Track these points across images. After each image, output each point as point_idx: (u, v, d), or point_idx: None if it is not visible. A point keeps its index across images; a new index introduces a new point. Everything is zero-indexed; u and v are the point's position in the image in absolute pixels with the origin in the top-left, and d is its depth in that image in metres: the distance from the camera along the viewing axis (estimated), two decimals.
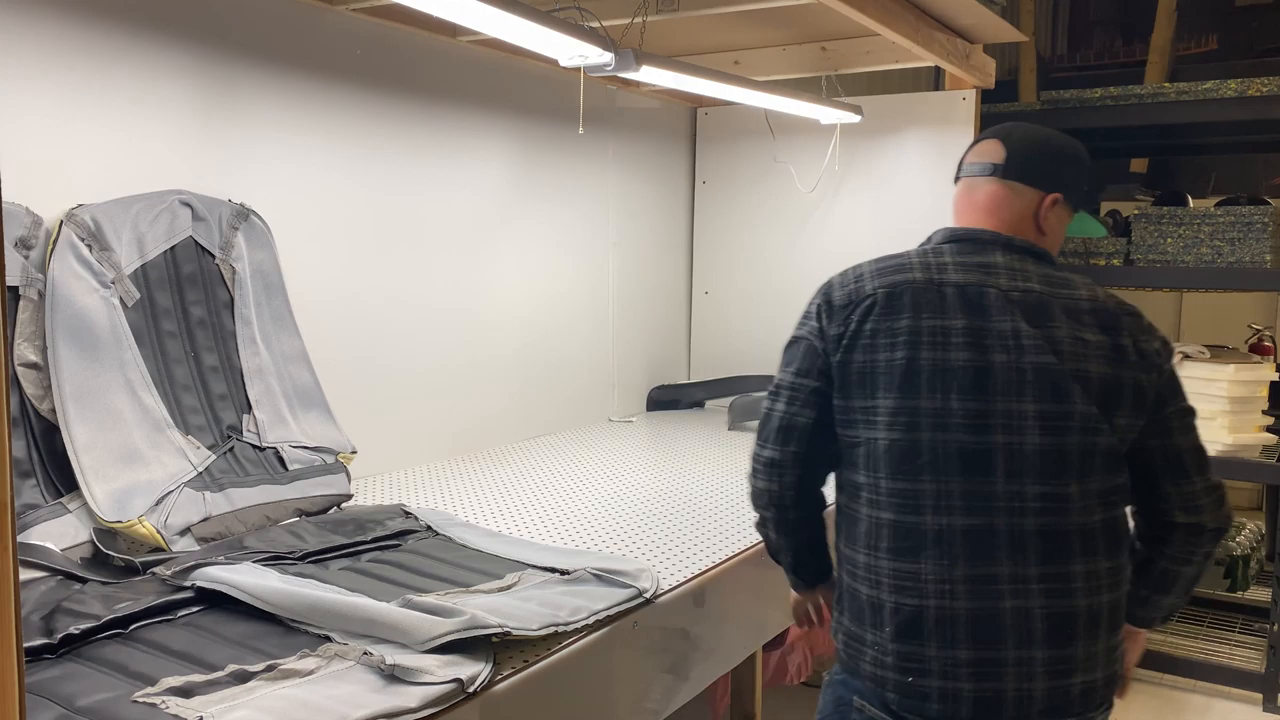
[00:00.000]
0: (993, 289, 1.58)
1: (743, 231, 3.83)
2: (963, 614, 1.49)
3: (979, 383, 1.51)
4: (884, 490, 1.53)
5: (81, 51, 1.92)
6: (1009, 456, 1.50)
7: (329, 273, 2.45)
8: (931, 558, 1.50)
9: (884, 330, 1.58)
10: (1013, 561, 1.49)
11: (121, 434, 1.82)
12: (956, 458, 1.50)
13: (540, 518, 2.21)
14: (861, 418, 1.56)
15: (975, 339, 1.53)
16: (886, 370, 1.55)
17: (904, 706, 1.52)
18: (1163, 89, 3.77)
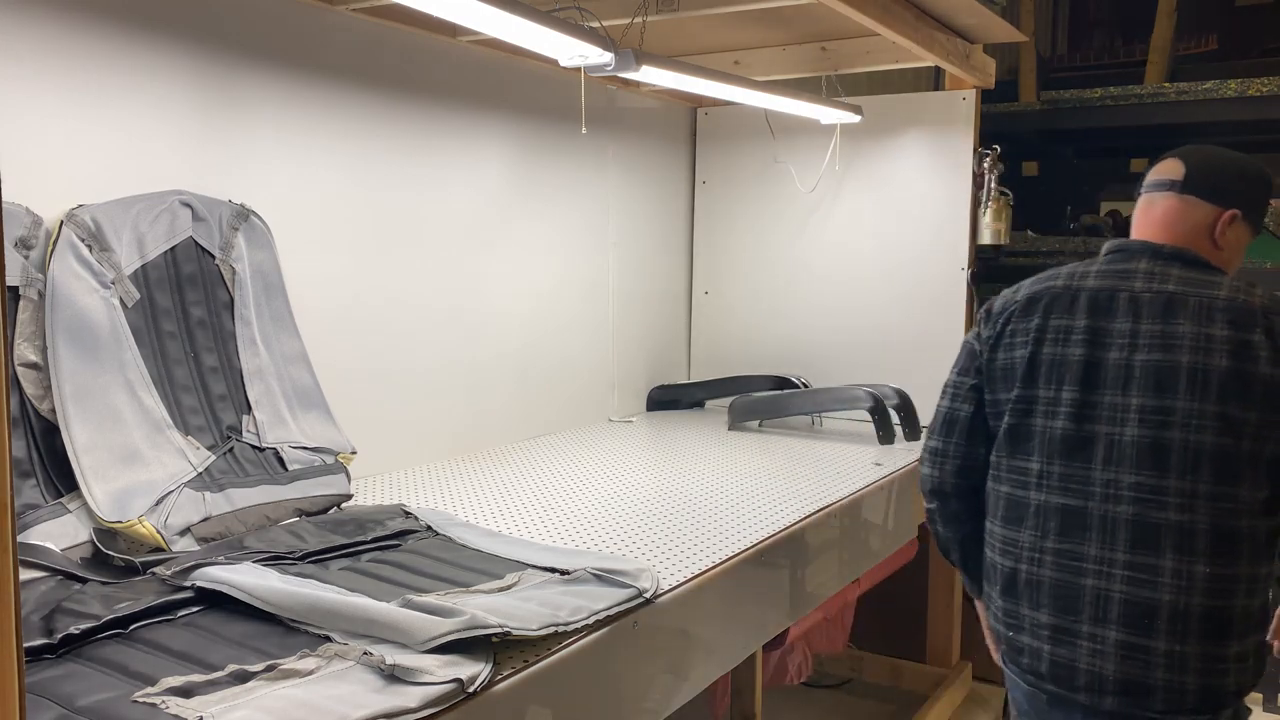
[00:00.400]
0: (1124, 292, 1.69)
1: (743, 231, 3.83)
2: (1047, 582, 1.67)
3: (1088, 376, 1.66)
4: (1004, 468, 1.76)
5: (81, 51, 1.92)
6: (1108, 445, 1.63)
7: (329, 273, 2.45)
8: (1029, 528, 1.70)
9: (1020, 330, 1.76)
10: (1100, 544, 1.62)
11: (121, 434, 1.82)
12: (1060, 442, 1.67)
13: (540, 518, 2.21)
14: (999, 410, 1.78)
15: (1093, 337, 1.67)
16: (1020, 365, 1.74)
17: (1009, 657, 1.77)
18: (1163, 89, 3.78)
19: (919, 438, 3.20)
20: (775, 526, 2.19)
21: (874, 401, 3.14)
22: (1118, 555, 1.60)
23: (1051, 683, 1.67)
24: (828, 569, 2.43)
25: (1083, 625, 1.62)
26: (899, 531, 2.82)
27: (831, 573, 2.46)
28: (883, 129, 3.50)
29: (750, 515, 2.27)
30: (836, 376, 3.57)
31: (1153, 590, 1.57)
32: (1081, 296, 1.71)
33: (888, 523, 2.73)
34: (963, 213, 3.38)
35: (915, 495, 2.90)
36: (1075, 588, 1.63)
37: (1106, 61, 6.16)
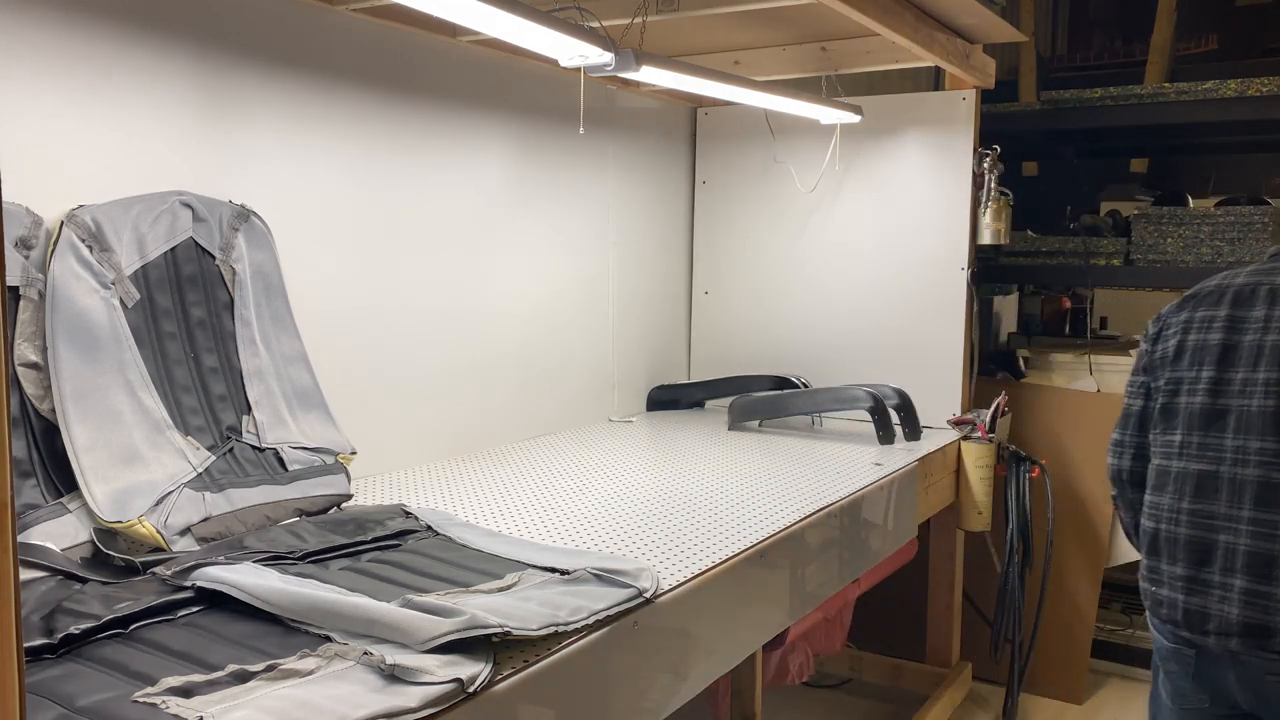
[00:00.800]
0: (1265, 285, 1.89)
1: (743, 231, 3.83)
2: (1182, 538, 1.89)
3: (1225, 357, 1.88)
4: (1157, 444, 1.98)
5: (81, 51, 1.92)
6: (1239, 416, 1.84)
7: (329, 273, 2.45)
8: (1170, 492, 1.92)
9: (1173, 324, 1.99)
10: (1229, 503, 1.83)
11: (121, 435, 1.82)
12: (1199, 415, 1.90)
13: (540, 518, 2.21)
14: (1156, 395, 2.00)
15: (1232, 324, 1.90)
16: (1170, 352, 1.98)
17: (1151, 610, 1.97)
18: (1163, 89, 3.77)
19: (919, 438, 3.20)
20: (775, 526, 2.19)
21: (874, 401, 3.15)
22: (1243, 512, 1.81)
23: (1185, 629, 1.88)
24: (828, 569, 2.43)
25: (1214, 575, 1.84)
26: (899, 531, 2.82)
27: (831, 573, 2.46)
28: (883, 129, 3.50)
29: (750, 515, 2.27)
30: (836, 376, 3.57)
31: (1272, 542, 1.77)
32: (1229, 292, 1.93)
33: (888, 523, 2.73)
34: (963, 213, 3.38)
35: (915, 495, 2.91)
36: (1208, 543, 1.85)
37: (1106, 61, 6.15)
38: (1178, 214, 3.71)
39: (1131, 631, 3.97)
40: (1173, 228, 3.68)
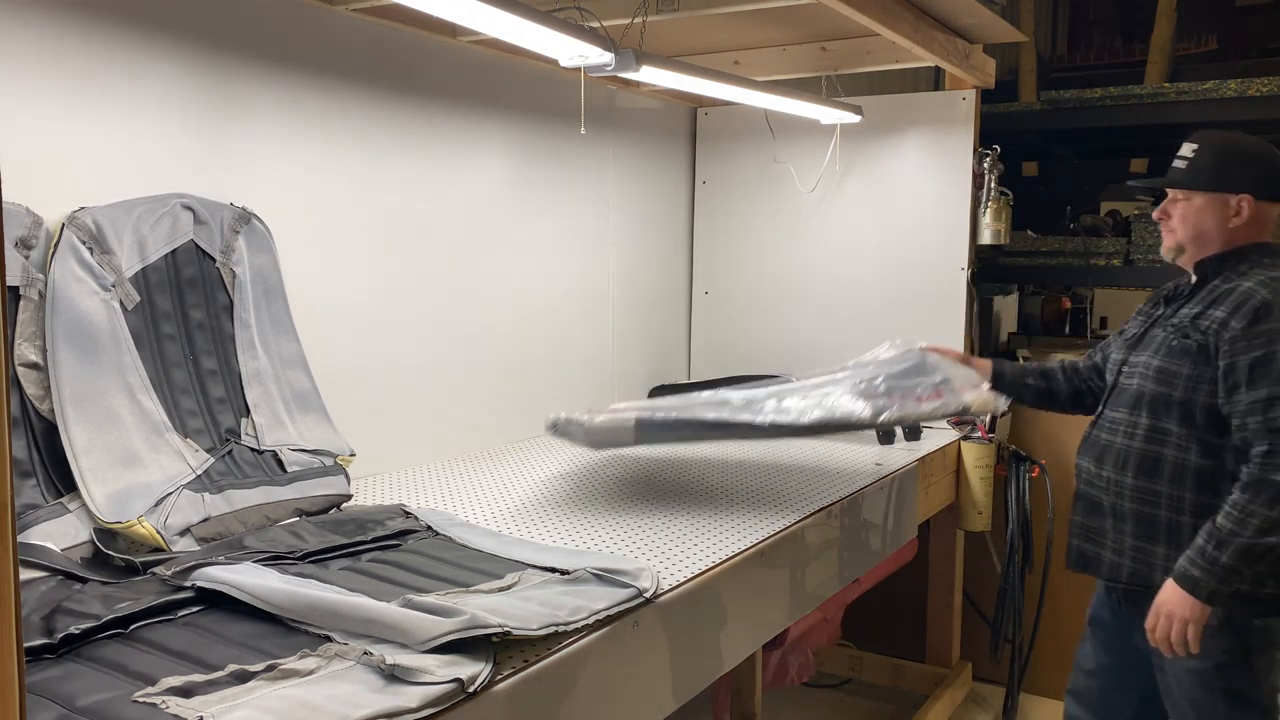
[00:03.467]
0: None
1: (743, 231, 3.83)
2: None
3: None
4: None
5: (82, 52, 1.92)
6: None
7: (329, 273, 2.45)
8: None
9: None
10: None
11: (120, 437, 1.82)
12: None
13: (540, 518, 2.21)
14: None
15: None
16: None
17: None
18: (1163, 89, 3.77)
19: (919, 438, 3.20)
20: (775, 526, 2.19)
21: None
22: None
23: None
24: (828, 569, 2.43)
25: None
26: (899, 531, 2.82)
27: (831, 573, 2.46)
28: (883, 129, 3.50)
29: (750, 515, 2.27)
30: None
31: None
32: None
33: (888, 523, 2.73)
34: (963, 213, 3.38)
35: (915, 495, 2.91)
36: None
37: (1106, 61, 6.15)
38: None
39: None
40: None
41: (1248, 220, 2.02)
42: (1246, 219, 2.01)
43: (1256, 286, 1.94)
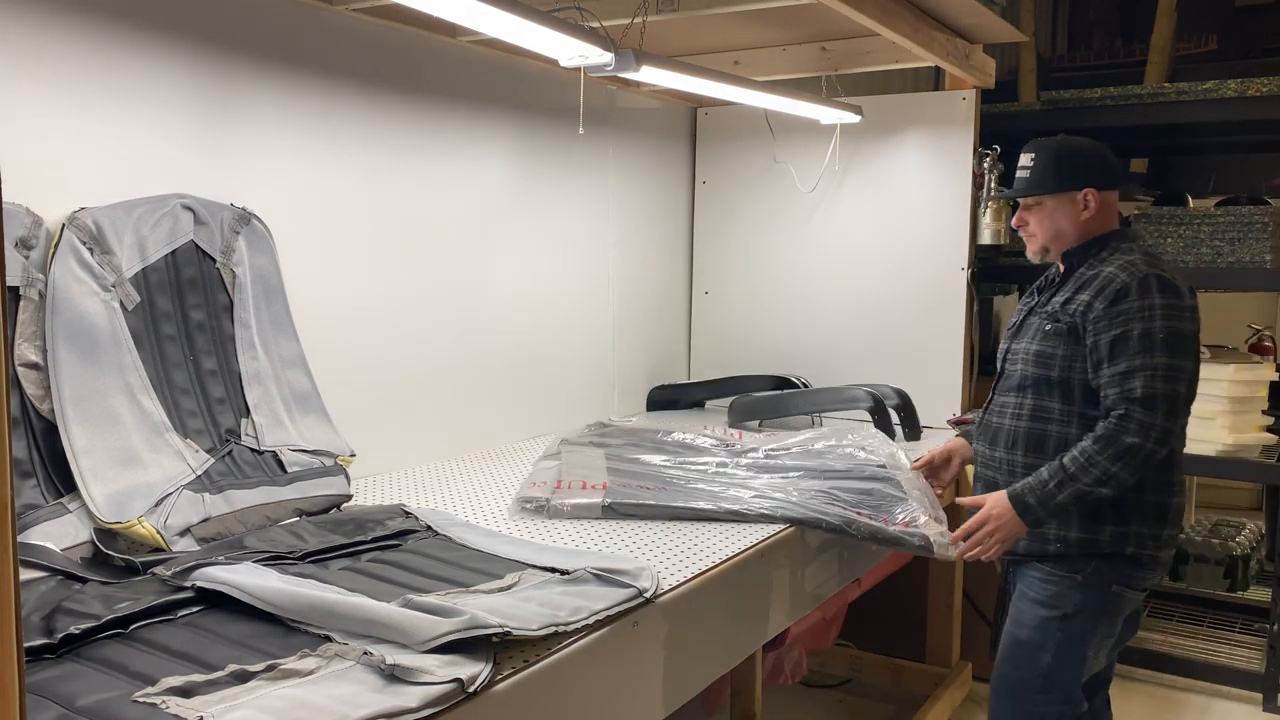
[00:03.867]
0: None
1: (743, 231, 3.83)
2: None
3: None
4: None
5: (82, 52, 1.92)
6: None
7: (329, 273, 2.45)
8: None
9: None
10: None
11: (120, 437, 1.82)
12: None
13: (540, 518, 2.21)
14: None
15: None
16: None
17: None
18: (1163, 89, 3.77)
19: (919, 438, 3.20)
20: (775, 527, 2.18)
21: (874, 401, 3.14)
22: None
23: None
24: (828, 569, 2.43)
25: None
26: None
27: (831, 573, 2.46)
28: (883, 129, 3.50)
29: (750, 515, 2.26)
30: (836, 376, 3.57)
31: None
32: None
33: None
34: (963, 213, 3.38)
35: None
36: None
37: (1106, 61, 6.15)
38: (1178, 214, 3.70)
39: None
40: (1173, 228, 3.68)
41: (1097, 210, 2.20)
42: (1095, 209, 2.20)
43: (1117, 271, 2.11)
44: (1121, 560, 2.14)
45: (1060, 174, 2.21)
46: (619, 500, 2.24)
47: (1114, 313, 2.07)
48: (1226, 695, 3.60)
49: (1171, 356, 2.02)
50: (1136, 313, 2.04)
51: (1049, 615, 2.18)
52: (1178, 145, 5.00)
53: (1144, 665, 3.76)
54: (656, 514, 2.22)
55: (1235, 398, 3.48)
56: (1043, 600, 2.20)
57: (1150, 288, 2.05)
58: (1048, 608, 2.18)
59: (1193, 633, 3.98)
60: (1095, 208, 2.19)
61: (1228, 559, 4.12)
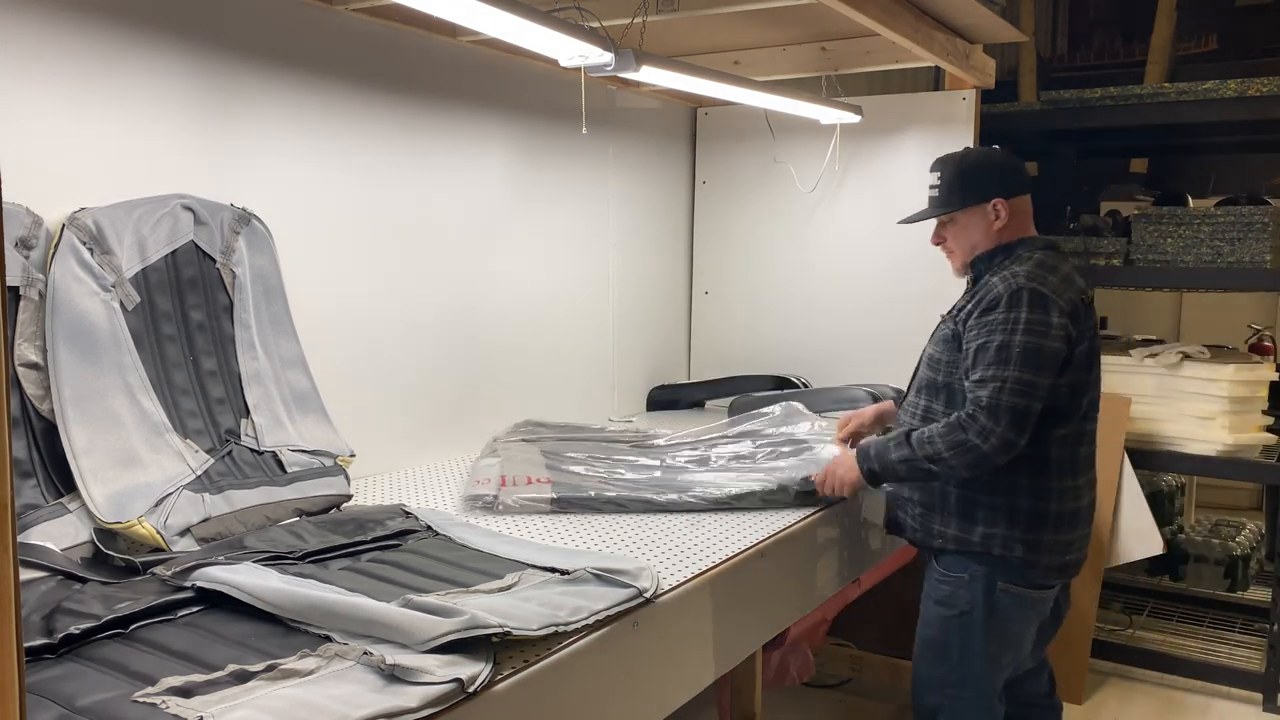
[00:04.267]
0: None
1: (743, 231, 3.83)
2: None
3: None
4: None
5: (82, 51, 1.92)
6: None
7: (329, 274, 2.45)
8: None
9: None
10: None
11: (120, 437, 1.82)
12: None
13: (540, 518, 2.21)
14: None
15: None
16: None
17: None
18: (1163, 89, 3.77)
19: None
20: (775, 526, 2.19)
21: (874, 401, 3.14)
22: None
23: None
24: (828, 569, 2.43)
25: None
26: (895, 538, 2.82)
27: (831, 573, 2.46)
28: (883, 129, 3.50)
29: (750, 515, 2.27)
30: (836, 376, 3.57)
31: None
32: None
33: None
34: None
35: None
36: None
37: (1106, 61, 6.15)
38: (1178, 214, 3.70)
39: (1131, 631, 3.97)
40: (1172, 228, 3.68)
41: (1009, 219, 2.24)
42: (1007, 218, 2.24)
43: (998, 281, 2.16)
44: (993, 560, 2.19)
45: (965, 188, 2.26)
46: (565, 494, 2.27)
47: (982, 322, 2.13)
48: (1226, 695, 3.60)
49: (1024, 370, 2.05)
50: (1000, 325, 2.09)
51: (947, 615, 2.25)
52: (1178, 145, 5.00)
53: (1144, 665, 3.76)
54: (604, 507, 2.27)
55: (1235, 398, 3.48)
56: (940, 600, 2.27)
57: (1019, 301, 2.09)
58: (945, 607, 2.25)
59: (1193, 633, 3.98)
60: (1006, 216, 2.23)
61: (1228, 559, 4.12)
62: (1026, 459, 2.13)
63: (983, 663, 2.24)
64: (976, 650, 2.23)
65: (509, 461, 2.51)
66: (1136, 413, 3.60)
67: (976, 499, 2.19)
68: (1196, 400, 3.54)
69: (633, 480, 2.44)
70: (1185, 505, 4.54)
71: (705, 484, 2.39)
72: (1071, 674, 3.61)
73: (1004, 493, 2.18)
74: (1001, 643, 2.25)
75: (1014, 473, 2.15)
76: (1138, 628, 4.01)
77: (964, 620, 2.23)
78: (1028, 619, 2.26)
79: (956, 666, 2.25)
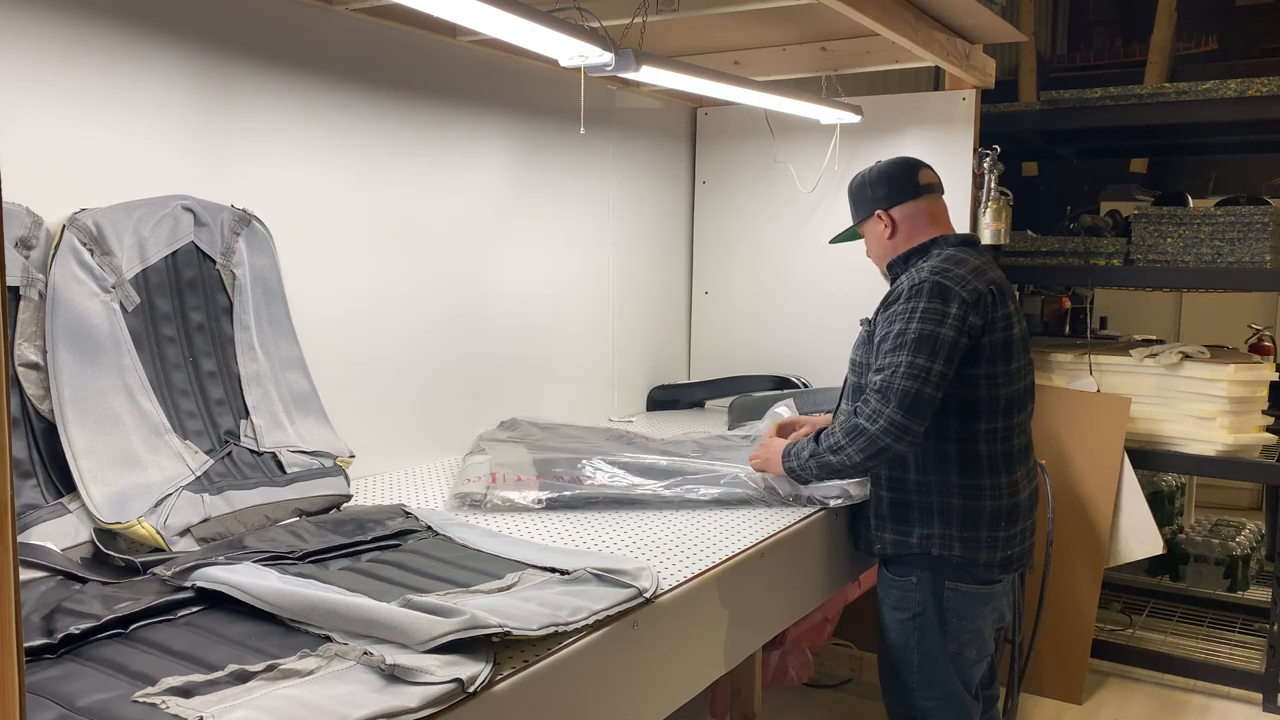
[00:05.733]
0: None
1: (743, 231, 3.83)
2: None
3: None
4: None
5: (82, 52, 1.92)
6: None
7: (329, 274, 2.45)
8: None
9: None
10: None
11: (119, 438, 1.82)
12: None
13: (540, 518, 2.21)
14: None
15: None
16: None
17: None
18: (1163, 89, 3.77)
19: None
20: (775, 526, 2.19)
21: None
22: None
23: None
24: (827, 569, 2.43)
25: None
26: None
27: (831, 573, 2.46)
28: (883, 129, 3.50)
29: (750, 515, 2.27)
30: (836, 376, 3.54)
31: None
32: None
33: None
34: (963, 213, 3.38)
35: None
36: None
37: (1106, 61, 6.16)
38: (1178, 214, 3.70)
39: (1131, 631, 3.97)
40: (1172, 228, 3.68)
41: (898, 226, 2.33)
42: (895, 225, 2.33)
43: (904, 279, 2.23)
44: (934, 560, 2.23)
45: (857, 206, 2.40)
46: (554, 492, 2.29)
47: (885, 316, 2.20)
48: (1226, 695, 3.60)
49: (917, 356, 2.09)
50: (899, 315, 2.15)
51: (902, 618, 2.30)
52: (1178, 145, 5.00)
53: (1144, 665, 3.76)
54: (592, 503, 2.29)
55: (1235, 398, 3.48)
56: (894, 605, 2.32)
57: (920, 292, 2.14)
58: (900, 611, 2.31)
59: (1193, 633, 3.98)
60: (893, 224, 2.32)
61: (1228, 559, 4.12)
62: (955, 457, 2.19)
63: (943, 663, 2.27)
64: (934, 651, 2.27)
65: (498, 460, 2.52)
66: (1136, 413, 3.60)
67: (908, 500, 2.25)
68: (1196, 400, 3.54)
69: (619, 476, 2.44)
70: (1185, 505, 4.54)
71: (694, 474, 2.42)
72: (1071, 674, 3.61)
73: (935, 492, 2.22)
74: (960, 640, 2.28)
75: (944, 472, 2.20)
76: (1138, 628, 4.01)
77: (918, 622, 2.28)
78: (981, 615, 2.29)
79: (918, 670, 2.29)
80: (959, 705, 2.30)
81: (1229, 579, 4.13)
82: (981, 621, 2.30)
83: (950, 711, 2.30)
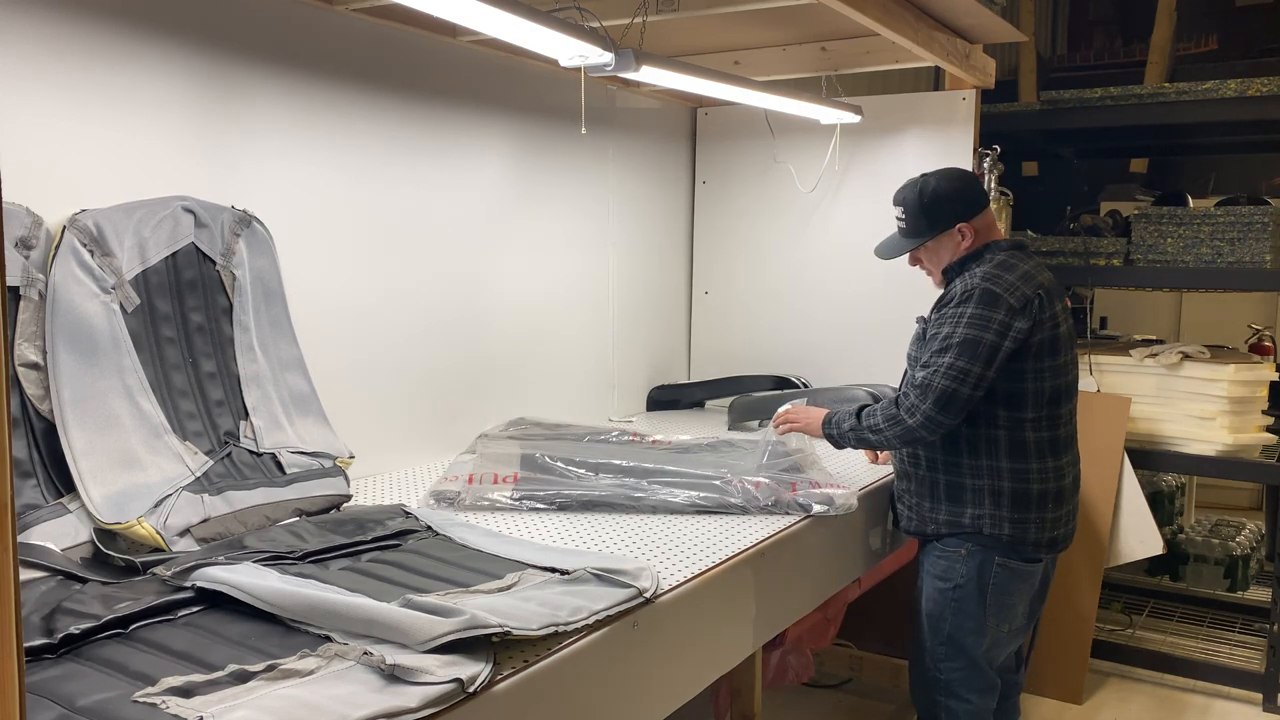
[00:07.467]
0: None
1: (743, 231, 3.83)
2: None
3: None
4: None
5: (82, 51, 1.92)
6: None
7: (329, 275, 2.45)
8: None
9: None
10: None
11: (119, 439, 1.82)
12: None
13: (540, 518, 2.21)
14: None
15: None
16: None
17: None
18: (1163, 89, 3.77)
19: None
20: (775, 527, 2.19)
21: (874, 401, 3.14)
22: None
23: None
24: (828, 569, 2.43)
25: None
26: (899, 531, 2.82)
27: (831, 573, 2.46)
28: (883, 129, 3.50)
29: (750, 515, 2.27)
30: (836, 376, 3.57)
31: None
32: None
33: (888, 522, 2.73)
34: None
35: None
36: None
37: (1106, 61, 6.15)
38: (1178, 214, 3.71)
39: (1131, 631, 3.97)
40: (1172, 228, 3.68)
41: (977, 236, 2.42)
42: (972, 237, 2.41)
43: (959, 283, 2.35)
44: (985, 538, 2.35)
45: (931, 219, 2.43)
46: (529, 493, 2.30)
47: (938, 317, 2.33)
48: (1226, 695, 3.60)
49: (959, 359, 2.22)
50: (949, 318, 2.28)
51: (944, 587, 2.40)
52: (1178, 145, 5.00)
53: (1144, 665, 3.76)
54: (567, 506, 2.29)
55: (1235, 398, 3.48)
56: (938, 574, 2.42)
57: (971, 298, 2.27)
58: (943, 580, 2.41)
59: (1193, 633, 3.98)
60: (972, 235, 2.40)
61: (1228, 559, 4.12)
62: (1005, 443, 2.32)
63: (975, 636, 2.39)
64: (968, 622, 2.39)
65: (483, 459, 2.53)
66: (1136, 413, 3.60)
67: (963, 484, 2.37)
68: (1196, 400, 3.54)
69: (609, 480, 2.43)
70: (1185, 505, 4.54)
71: (676, 479, 2.42)
72: (1071, 674, 3.61)
73: (987, 476, 2.35)
74: (998, 615, 2.39)
75: (994, 457, 2.33)
76: (1138, 628, 4.01)
77: (957, 593, 2.39)
78: (1019, 590, 2.40)
79: (948, 640, 2.41)
80: (982, 678, 2.42)
81: (1229, 579, 4.13)
82: (1019, 596, 2.41)
83: (973, 682, 2.41)
